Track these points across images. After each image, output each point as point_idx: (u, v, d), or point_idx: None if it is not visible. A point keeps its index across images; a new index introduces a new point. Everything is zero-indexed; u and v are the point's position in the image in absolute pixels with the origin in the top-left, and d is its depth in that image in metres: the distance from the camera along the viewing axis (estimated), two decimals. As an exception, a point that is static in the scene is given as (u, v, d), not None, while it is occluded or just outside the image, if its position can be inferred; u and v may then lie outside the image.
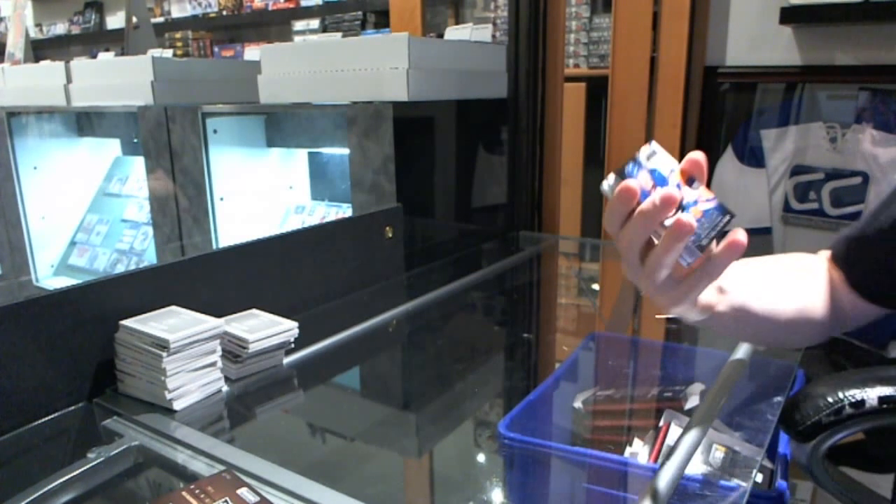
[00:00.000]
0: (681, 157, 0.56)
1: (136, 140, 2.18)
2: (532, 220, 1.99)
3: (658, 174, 0.56)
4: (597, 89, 2.42)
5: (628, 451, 0.86)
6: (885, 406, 0.78)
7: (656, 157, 0.56)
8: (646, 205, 0.54)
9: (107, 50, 5.04)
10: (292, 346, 1.04)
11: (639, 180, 0.55)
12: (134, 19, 3.00)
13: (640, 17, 1.88)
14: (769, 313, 0.70)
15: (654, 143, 0.56)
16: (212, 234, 1.86)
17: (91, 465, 0.76)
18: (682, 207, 0.55)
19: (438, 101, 1.57)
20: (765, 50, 1.82)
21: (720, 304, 0.65)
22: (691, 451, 0.68)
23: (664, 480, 0.63)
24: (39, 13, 5.89)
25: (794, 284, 0.76)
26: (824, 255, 0.83)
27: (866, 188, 1.68)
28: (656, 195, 0.54)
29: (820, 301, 0.76)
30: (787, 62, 1.79)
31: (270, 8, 4.16)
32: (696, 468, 0.74)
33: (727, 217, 0.55)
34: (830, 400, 0.80)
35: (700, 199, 0.55)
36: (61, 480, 0.73)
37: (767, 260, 0.77)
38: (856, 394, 0.79)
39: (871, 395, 0.78)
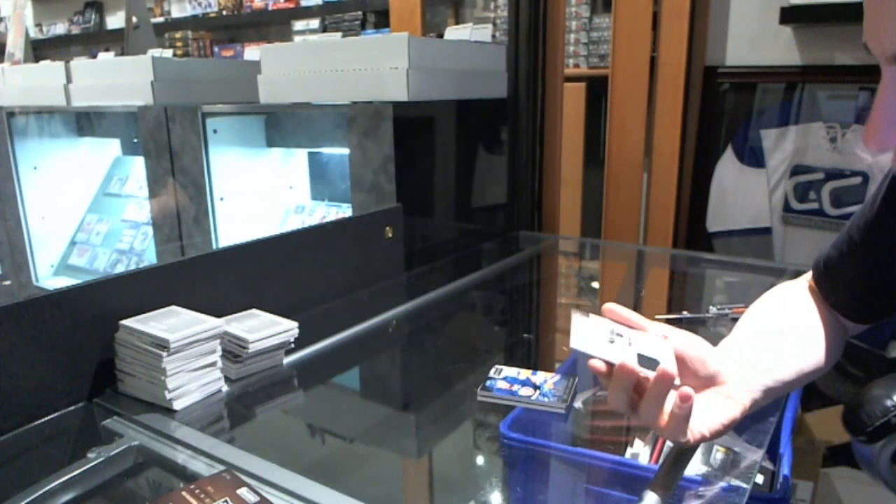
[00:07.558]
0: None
1: (136, 140, 2.17)
2: (532, 219, 1.99)
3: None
4: (597, 89, 2.41)
5: (629, 451, 0.86)
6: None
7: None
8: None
9: (107, 50, 5.04)
10: (292, 346, 1.04)
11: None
12: (134, 19, 3.00)
13: (640, 17, 1.87)
14: (790, 382, 0.70)
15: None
16: (212, 234, 1.86)
17: (91, 465, 0.76)
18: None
19: (438, 101, 1.57)
20: (765, 50, 1.82)
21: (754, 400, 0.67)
22: (691, 453, 0.68)
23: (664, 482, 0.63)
24: (39, 13, 5.89)
25: (799, 346, 0.74)
26: (807, 282, 0.82)
27: (866, 188, 1.68)
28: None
29: (820, 347, 0.74)
30: (787, 62, 1.79)
31: (270, 8, 4.16)
32: (697, 469, 0.74)
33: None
34: None
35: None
36: (61, 480, 0.73)
37: (764, 330, 0.75)
38: None
39: None
